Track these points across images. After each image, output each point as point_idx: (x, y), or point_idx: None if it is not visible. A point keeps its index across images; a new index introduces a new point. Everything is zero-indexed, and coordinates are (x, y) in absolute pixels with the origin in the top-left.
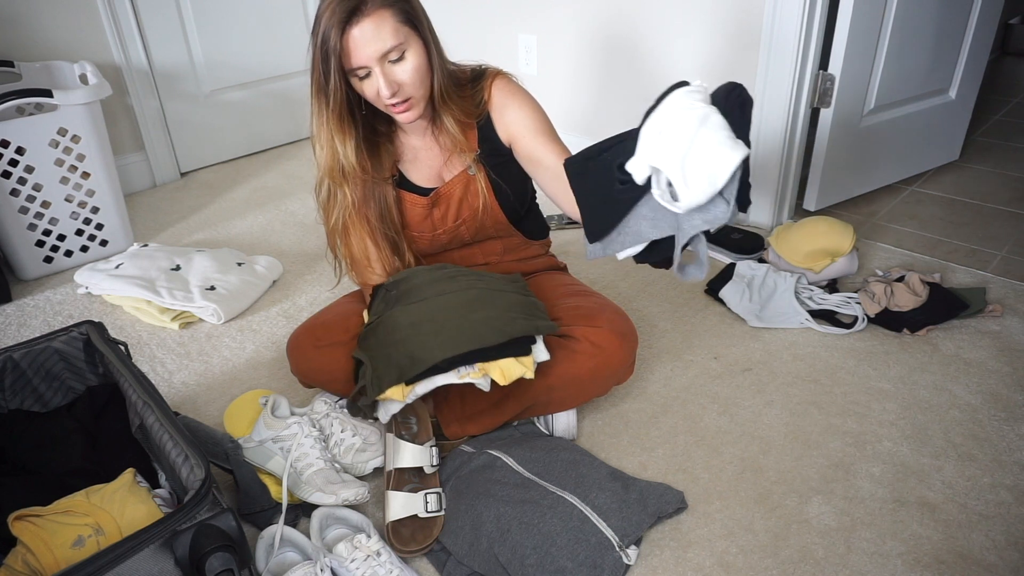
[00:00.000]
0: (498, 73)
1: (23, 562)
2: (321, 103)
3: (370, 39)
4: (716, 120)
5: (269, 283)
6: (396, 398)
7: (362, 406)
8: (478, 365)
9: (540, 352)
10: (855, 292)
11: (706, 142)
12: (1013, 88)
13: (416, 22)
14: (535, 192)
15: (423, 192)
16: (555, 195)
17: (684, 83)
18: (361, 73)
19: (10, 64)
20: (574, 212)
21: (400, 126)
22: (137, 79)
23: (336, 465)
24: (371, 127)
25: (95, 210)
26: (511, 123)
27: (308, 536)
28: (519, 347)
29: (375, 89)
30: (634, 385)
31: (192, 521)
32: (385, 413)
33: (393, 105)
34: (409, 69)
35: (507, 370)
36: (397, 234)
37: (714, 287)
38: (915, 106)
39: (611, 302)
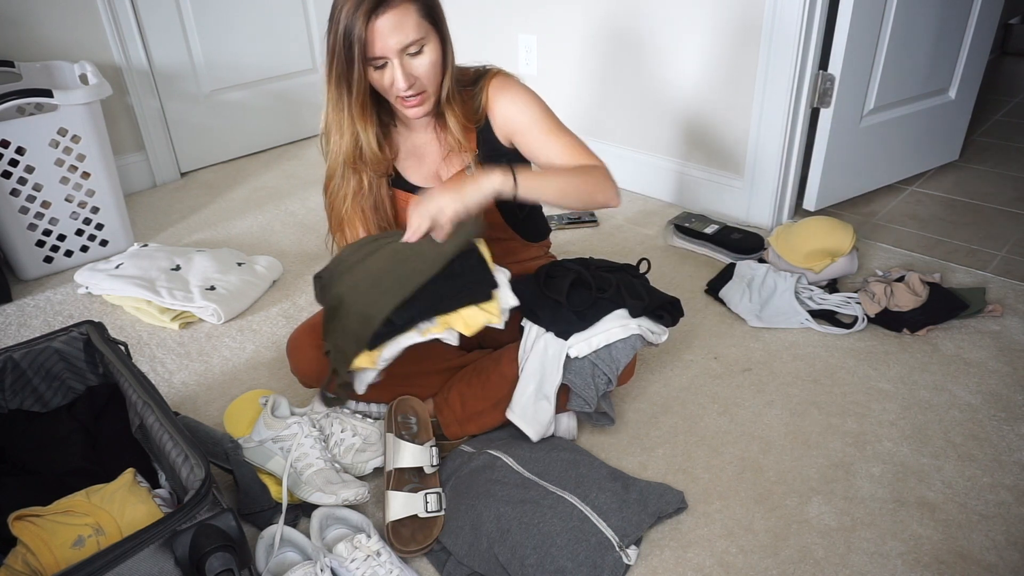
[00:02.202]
0: (496, 73)
1: (23, 562)
2: (341, 91)
3: (393, 30)
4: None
5: (269, 283)
6: (367, 366)
7: (340, 390)
8: (438, 319)
9: (507, 297)
10: (855, 292)
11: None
12: (1013, 88)
13: (437, 19)
14: None
15: (419, 191)
16: None
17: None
18: (379, 63)
19: (10, 64)
20: (584, 206)
21: (402, 121)
22: (137, 79)
23: (336, 465)
24: (378, 117)
25: (95, 210)
26: (505, 122)
27: (308, 536)
28: (477, 291)
29: (390, 80)
30: (634, 385)
31: (192, 521)
32: (361, 384)
33: (405, 98)
34: (426, 63)
35: (470, 320)
36: (389, 226)
37: (714, 287)
38: (915, 106)
39: None
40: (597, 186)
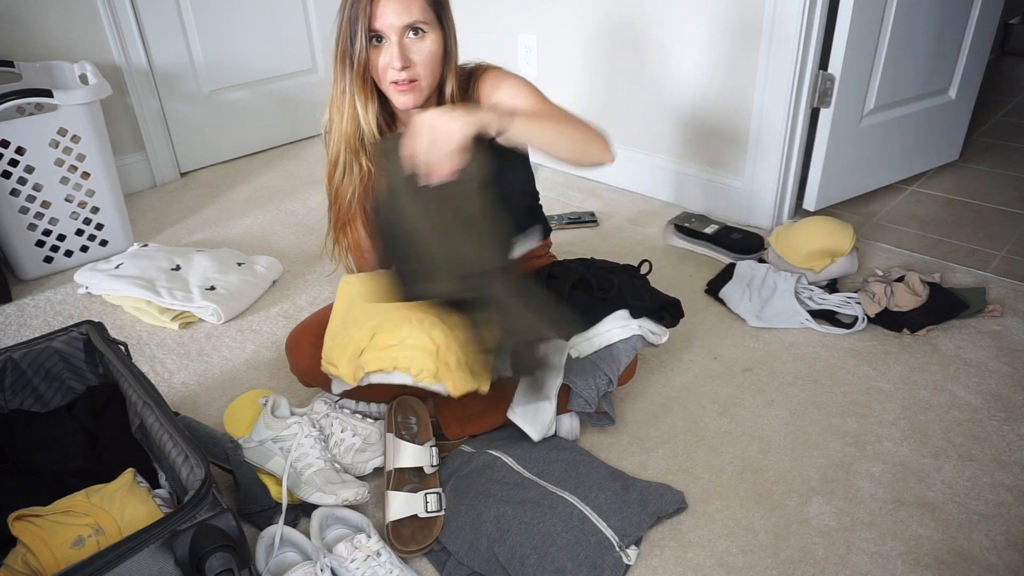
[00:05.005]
0: (487, 69)
1: (23, 562)
2: (345, 67)
3: (397, 9)
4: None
5: (269, 283)
6: (347, 380)
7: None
8: (426, 372)
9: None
10: (855, 292)
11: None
12: (1013, 88)
13: (443, 13)
14: (536, 194)
15: None
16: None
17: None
18: (378, 37)
19: (10, 64)
20: (576, 158)
21: (400, 120)
22: (137, 79)
23: (336, 465)
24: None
25: (95, 210)
26: None
27: (308, 536)
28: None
29: (387, 59)
30: (634, 385)
31: (192, 521)
32: (337, 386)
33: (396, 83)
34: (425, 50)
35: (460, 384)
36: None
37: (714, 287)
38: (915, 106)
39: None
40: (590, 138)
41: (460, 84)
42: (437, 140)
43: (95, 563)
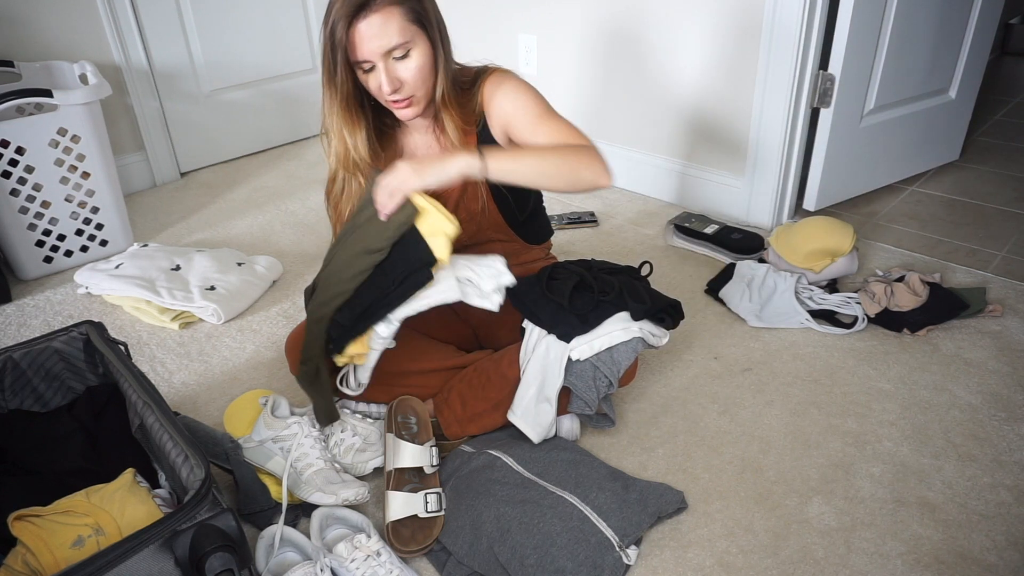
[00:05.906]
0: (493, 71)
1: (23, 562)
2: (331, 93)
3: (375, 34)
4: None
5: (269, 283)
6: (361, 351)
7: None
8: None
9: (489, 278)
10: (855, 292)
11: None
12: (1013, 88)
13: (425, 22)
14: (540, 196)
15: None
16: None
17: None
18: (366, 66)
19: (10, 64)
20: (570, 186)
21: (403, 123)
22: (137, 79)
23: (336, 465)
24: (379, 119)
25: (95, 210)
26: (499, 117)
27: (308, 536)
28: (416, 276)
29: (377, 84)
30: (634, 385)
31: (192, 521)
32: (365, 372)
33: (394, 101)
34: (412, 68)
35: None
36: None
37: (714, 287)
38: (915, 106)
39: None
40: (582, 163)
41: (465, 86)
42: (391, 185)
43: (95, 563)
